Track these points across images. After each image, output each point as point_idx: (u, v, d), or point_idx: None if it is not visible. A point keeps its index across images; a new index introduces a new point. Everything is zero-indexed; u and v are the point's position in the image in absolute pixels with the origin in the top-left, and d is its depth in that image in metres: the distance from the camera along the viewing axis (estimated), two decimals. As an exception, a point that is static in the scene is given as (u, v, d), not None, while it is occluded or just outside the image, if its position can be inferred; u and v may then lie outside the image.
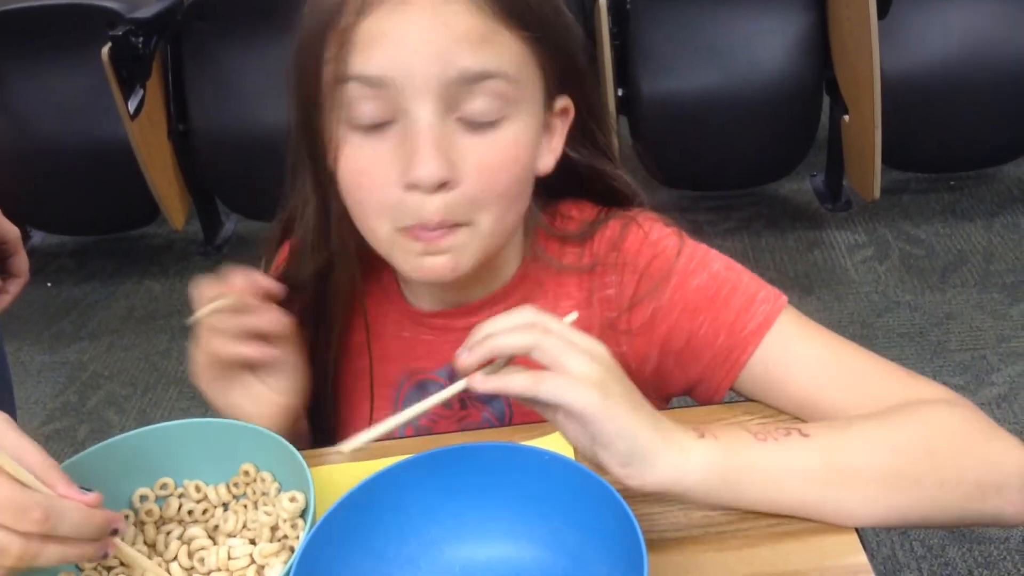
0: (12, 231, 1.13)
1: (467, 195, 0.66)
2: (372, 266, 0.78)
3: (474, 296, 0.79)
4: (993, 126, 2.54)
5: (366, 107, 0.64)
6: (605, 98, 2.46)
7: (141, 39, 2.45)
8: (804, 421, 0.70)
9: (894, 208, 2.75)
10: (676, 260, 0.75)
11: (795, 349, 0.72)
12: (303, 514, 0.64)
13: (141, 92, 2.49)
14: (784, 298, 0.74)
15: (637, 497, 0.65)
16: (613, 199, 0.80)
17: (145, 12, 2.51)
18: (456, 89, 0.63)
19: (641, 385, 0.62)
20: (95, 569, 0.64)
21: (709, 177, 2.77)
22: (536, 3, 0.66)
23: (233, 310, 0.69)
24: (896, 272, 2.49)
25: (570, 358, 0.58)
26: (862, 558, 0.60)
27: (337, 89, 0.65)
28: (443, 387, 0.77)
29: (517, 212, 0.72)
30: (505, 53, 0.64)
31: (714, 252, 0.77)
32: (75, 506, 0.56)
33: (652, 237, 0.76)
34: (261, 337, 0.71)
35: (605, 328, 0.77)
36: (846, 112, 2.51)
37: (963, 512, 0.63)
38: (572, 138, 0.75)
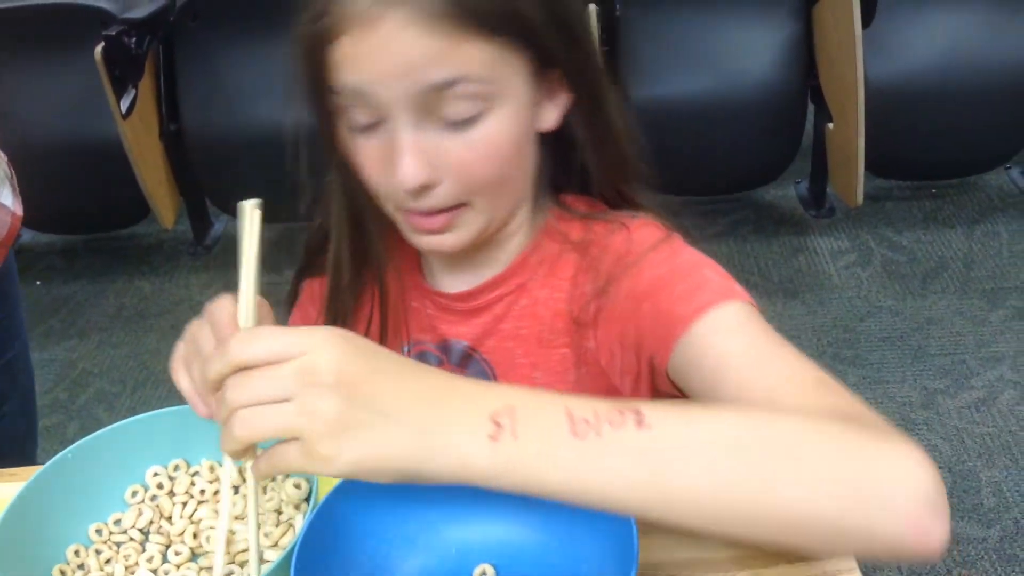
0: None
1: (451, 190, 0.71)
2: (399, 245, 0.81)
3: (485, 272, 0.82)
4: (975, 135, 2.58)
5: (356, 112, 0.69)
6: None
7: (134, 39, 2.46)
8: None
9: (877, 215, 2.79)
10: (647, 253, 0.76)
11: (716, 341, 0.67)
12: (307, 499, 0.66)
13: (133, 92, 2.50)
14: (738, 295, 0.70)
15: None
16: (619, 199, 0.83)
17: (138, 12, 2.52)
18: (428, 97, 0.66)
19: (616, 382, 0.63)
20: (105, 543, 0.66)
21: (695, 182, 2.80)
22: (498, 4, 0.66)
23: None
24: (878, 278, 2.53)
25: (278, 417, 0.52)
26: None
27: (331, 96, 0.69)
28: (438, 358, 0.82)
29: (513, 190, 0.76)
30: (470, 59, 0.66)
31: (695, 252, 0.77)
32: None
33: (635, 237, 0.78)
34: None
35: (574, 325, 0.80)
36: (830, 120, 2.54)
37: (841, 530, 0.52)
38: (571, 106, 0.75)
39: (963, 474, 1.86)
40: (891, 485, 0.52)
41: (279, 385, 0.51)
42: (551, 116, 0.75)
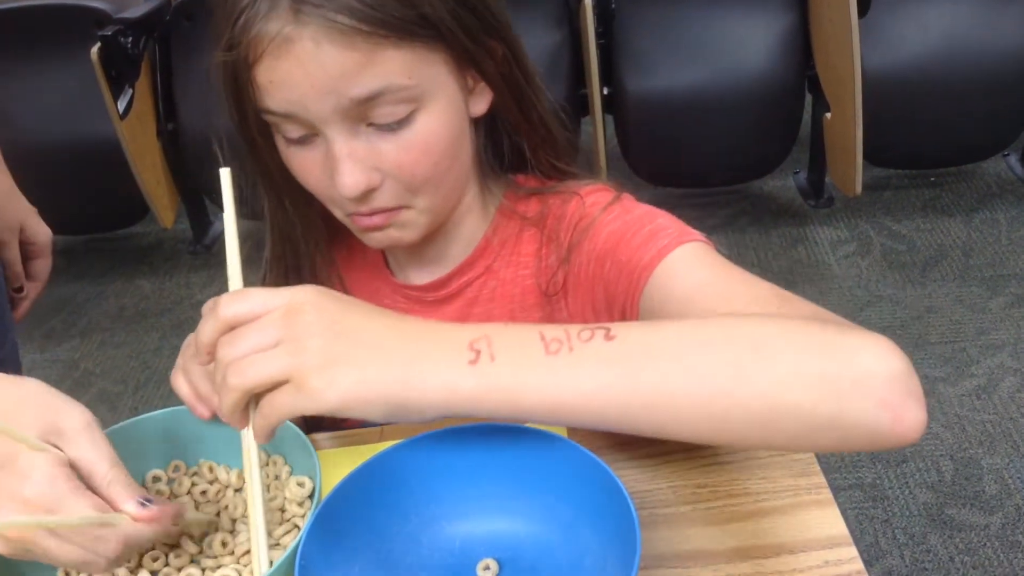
0: (42, 233, 1.12)
1: (393, 189, 0.72)
2: (359, 245, 0.83)
3: (449, 262, 0.85)
4: (973, 123, 2.58)
5: (288, 127, 0.70)
6: (592, 91, 2.49)
7: (130, 39, 2.46)
8: None
9: (876, 204, 2.79)
10: (599, 214, 0.78)
11: (678, 279, 0.69)
12: (311, 497, 0.66)
13: (130, 92, 2.50)
14: (693, 236, 0.72)
15: (628, 475, 0.69)
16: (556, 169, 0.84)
17: (133, 12, 2.52)
18: (355, 109, 0.67)
19: None
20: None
21: (694, 175, 2.80)
22: (406, 12, 0.65)
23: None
24: (878, 267, 2.53)
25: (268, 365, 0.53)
26: (842, 529, 0.63)
27: (261, 115, 0.70)
28: None
29: (454, 181, 0.77)
30: (390, 69, 0.66)
31: (646, 206, 0.79)
32: (147, 528, 0.60)
33: (588, 201, 0.81)
34: None
35: (544, 298, 0.82)
36: (828, 110, 2.54)
37: (815, 418, 0.52)
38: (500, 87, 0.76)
39: (964, 462, 1.86)
40: (861, 370, 0.53)
41: (267, 333, 0.54)
42: (481, 101, 0.76)
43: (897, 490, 1.82)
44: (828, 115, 2.54)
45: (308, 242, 0.84)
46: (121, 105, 2.46)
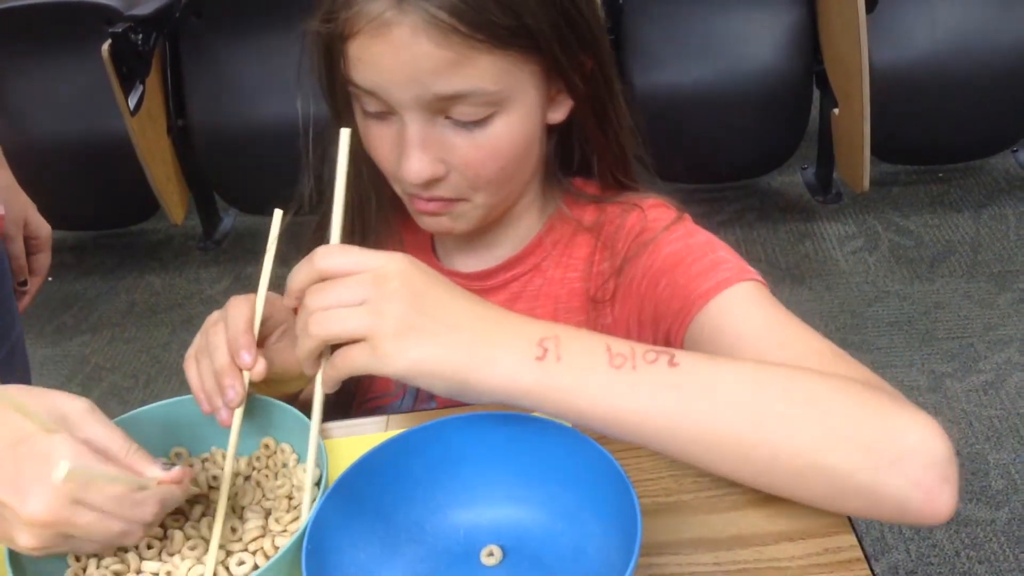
0: (44, 228, 1.16)
1: (456, 182, 0.73)
2: (411, 227, 0.84)
3: (497, 254, 0.86)
4: (981, 119, 2.58)
5: (368, 100, 0.71)
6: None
7: (140, 36, 2.47)
8: None
9: (884, 200, 2.79)
10: (661, 232, 0.79)
11: (734, 315, 0.70)
12: (318, 484, 0.67)
13: (141, 88, 2.52)
14: (751, 274, 0.73)
15: (631, 464, 0.69)
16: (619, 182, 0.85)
17: (143, 9, 2.53)
18: (436, 103, 0.68)
19: None
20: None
21: (701, 170, 2.80)
22: (508, 19, 0.66)
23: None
24: (886, 262, 2.53)
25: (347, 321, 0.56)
26: (842, 518, 0.63)
27: (345, 84, 0.72)
28: None
29: (516, 183, 0.78)
30: (479, 73, 0.67)
31: (706, 233, 0.80)
32: (177, 488, 0.61)
33: (649, 216, 0.81)
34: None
35: (591, 303, 0.83)
36: (836, 105, 2.54)
37: (850, 483, 0.55)
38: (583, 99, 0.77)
39: (971, 457, 1.86)
40: (905, 447, 0.55)
41: (355, 291, 0.56)
42: (561, 110, 0.77)
43: (903, 485, 1.82)
44: (836, 110, 2.55)
45: (379, 217, 0.85)
46: (132, 102, 2.48)
